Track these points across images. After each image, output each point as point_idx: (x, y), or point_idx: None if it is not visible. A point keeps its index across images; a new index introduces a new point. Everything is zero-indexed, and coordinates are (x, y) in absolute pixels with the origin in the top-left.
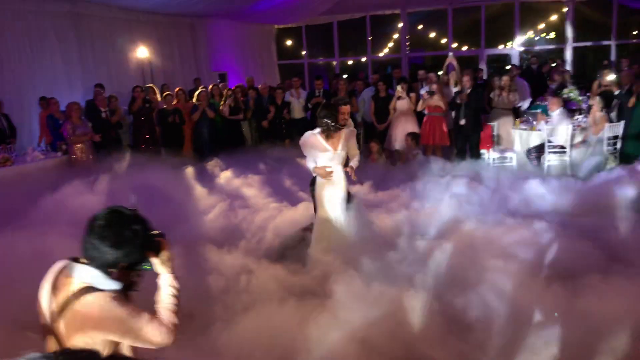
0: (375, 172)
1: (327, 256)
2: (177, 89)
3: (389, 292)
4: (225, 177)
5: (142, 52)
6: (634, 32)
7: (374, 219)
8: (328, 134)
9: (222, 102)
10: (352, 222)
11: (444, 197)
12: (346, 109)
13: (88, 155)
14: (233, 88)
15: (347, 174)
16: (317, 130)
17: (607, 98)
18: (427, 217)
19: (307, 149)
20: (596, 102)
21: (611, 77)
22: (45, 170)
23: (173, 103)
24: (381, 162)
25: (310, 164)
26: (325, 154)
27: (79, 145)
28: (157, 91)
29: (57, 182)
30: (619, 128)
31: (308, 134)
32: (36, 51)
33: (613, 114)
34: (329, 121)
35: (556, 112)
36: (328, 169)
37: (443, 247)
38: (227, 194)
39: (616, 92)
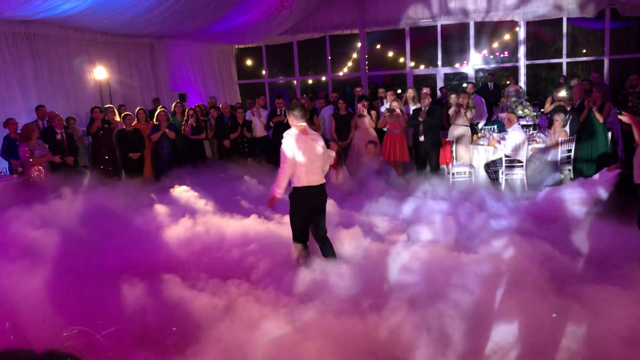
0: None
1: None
2: (137, 109)
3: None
4: (187, 197)
5: (100, 73)
6: (584, 50)
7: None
8: None
9: (183, 122)
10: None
11: (408, 212)
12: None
13: (45, 177)
14: (194, 107)
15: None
16: None
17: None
18: (393, 231)
19: None
20: (559, 119)
21: (563, 93)
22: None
23: (133, 123)
24: (342, 178)
25: None
26: None
27: (36, 168)
28: (116, 112)
29: (11, 205)
30: (572, 142)
31: None
32: None
33: (566, 129)
34: None
35: (511, 128)
36: None
37: (416, 260)
38: (190, 214)
39: (568, 108)
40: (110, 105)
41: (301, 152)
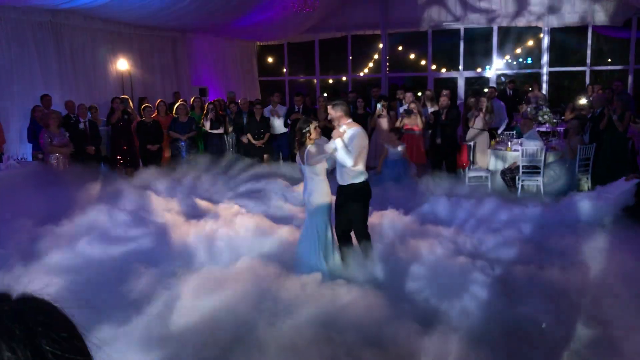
0: None
1: None
2: (158, 102)
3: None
4: (205, 194)
5: (122, 64)
6: (608, 60)
7: None
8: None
9: (202, 116)
10: None
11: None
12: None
13: (64, 166)
14: (213, 101)
15: None
16: None
17: (580, 121)
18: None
19: None
20: (573, 126)
21: (583, 100)
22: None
23: (152, 115)
24: None
25: None
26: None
27: (55, 156)
28: (130, 103)
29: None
30: (591, 150)
31: None
32: (15, 60)
33: (586, 137)
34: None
35: (528, 134)
36: None
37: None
38: (210, 214)
39: (588, 116)
40: (126, 96)
41: None
